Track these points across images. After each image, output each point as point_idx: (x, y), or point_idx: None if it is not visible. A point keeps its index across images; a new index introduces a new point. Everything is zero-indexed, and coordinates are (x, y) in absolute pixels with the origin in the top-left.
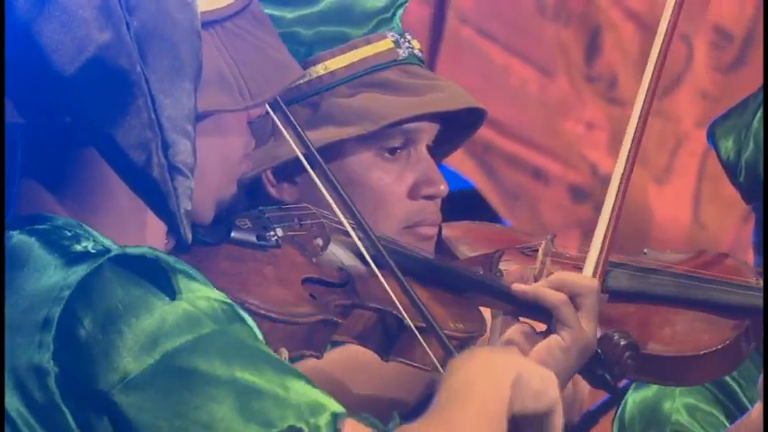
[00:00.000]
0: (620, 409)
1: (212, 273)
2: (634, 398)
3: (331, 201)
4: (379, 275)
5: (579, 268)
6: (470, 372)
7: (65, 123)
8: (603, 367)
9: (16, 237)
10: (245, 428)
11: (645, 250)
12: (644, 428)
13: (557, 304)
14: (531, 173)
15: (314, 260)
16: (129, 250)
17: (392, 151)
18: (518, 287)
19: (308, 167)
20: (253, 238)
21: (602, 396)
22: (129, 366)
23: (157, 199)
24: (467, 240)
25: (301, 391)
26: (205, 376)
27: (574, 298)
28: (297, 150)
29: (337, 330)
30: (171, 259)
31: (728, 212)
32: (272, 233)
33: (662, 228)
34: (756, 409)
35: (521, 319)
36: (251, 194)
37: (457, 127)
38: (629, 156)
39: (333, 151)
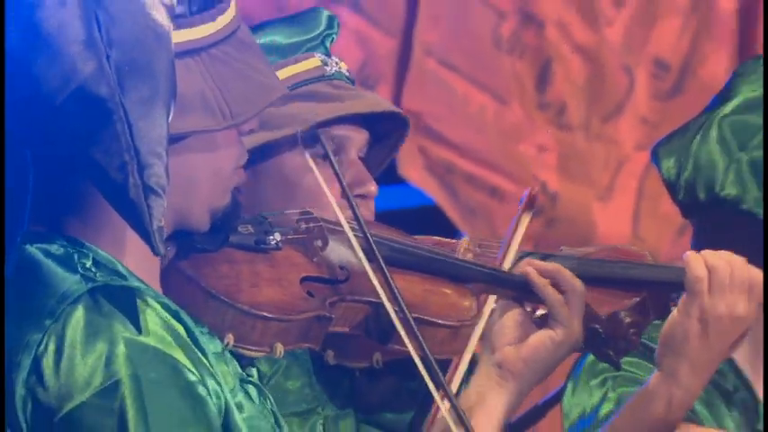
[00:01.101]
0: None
1: (211, 277)
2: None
3: (327, 191)
4: (369, 271)
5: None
6: None
7: (63, 151)
8: (608, 345)
9: (28, 250)
10: None
11: (561, 248)
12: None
13: (555, 305)
14: (487, 191)
15: (314, 260)
16: (111, 281)
17: (324, 156)
18: (537, 279)
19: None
20: (252, 242)
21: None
22: (75, 393)
23: (133, 216)
24: None
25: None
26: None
27: (565, 293)
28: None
29: (332, 324)
30: (141, 291)
31: (665, 226)
32: (271, 237)
33: (605, 240)
34: (653, 379)
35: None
36: None
37: (386, 138)
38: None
39: (271, 155)
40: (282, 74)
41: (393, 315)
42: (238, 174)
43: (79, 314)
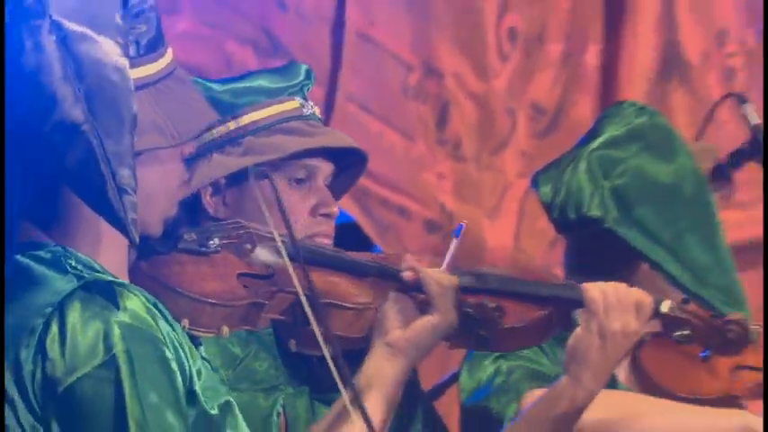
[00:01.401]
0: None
1: (166, 274)
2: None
3: (265, 210)
4: (291, 268)
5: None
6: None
7: (47, 172)
8: (481, 327)
9: (20, 260)
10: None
11: (493, 266)
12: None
13: (434, 295)
14: (397, 211)
15: (245, 260)
16: (99, 277)
17: (298, 181)
18: (408, 274)
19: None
20: (196, 247)
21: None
22: (79, 366)
23: (112, 213)
24: None
25: (168, 419)
26: (112, 383)
27: (441, 287)
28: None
29: (265, 310)
30: (125, 285)
31: (540, 240)
32: (211, 242)
33: (492, 252)
34: (561, 382)
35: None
36: (194, 211)
37: (347, 171)
38: None
39: (257, 178)
40: (269, 111)
41: (304, 301)
42: (183, 190)
43: (76, 303)
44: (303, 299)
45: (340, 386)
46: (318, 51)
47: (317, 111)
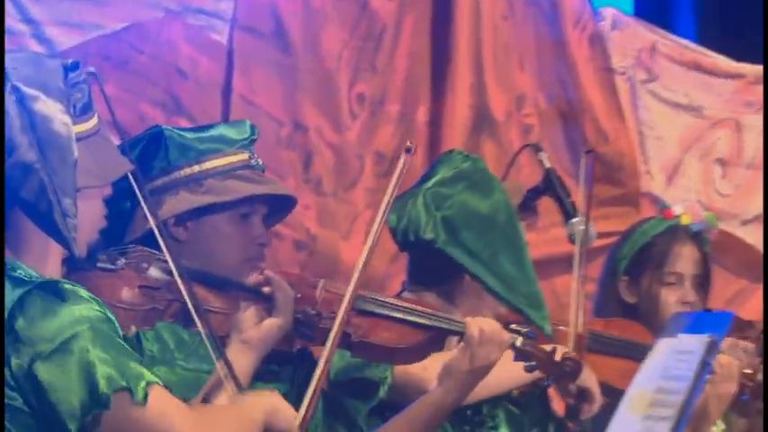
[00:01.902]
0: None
1: (89, 286)
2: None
3: (160, 240)
4: (179, 282)
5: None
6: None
7: (10, 201)
8: (307, 327)
9: None
10: (95, 386)
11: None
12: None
13: (279, 303)
14: (273, 234)
15: (143, 275)
16: (49, 279)
17: (243, 216)
18: (266, 289)
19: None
20: (109, 266)
21: None
22: (40, 348)
23: (58, 233)
24: None
25: (135, 368)
26: (84, 354)
27: (285, 297)
28: (150, 220)
29: (162, 314)
30: (70, 284)
31: (383, 257)
32: (118, 262)
33: (346, 267)
34: (436, 389)
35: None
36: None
37: (279, 209)
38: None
39: (209, 212)
40: (226, 160)
41: (191, 306)
42: (102, 222)
43: (35, 298)
44: (190, 305)
45: (213, 356)
46: (212, 111)
47: (261, 162)
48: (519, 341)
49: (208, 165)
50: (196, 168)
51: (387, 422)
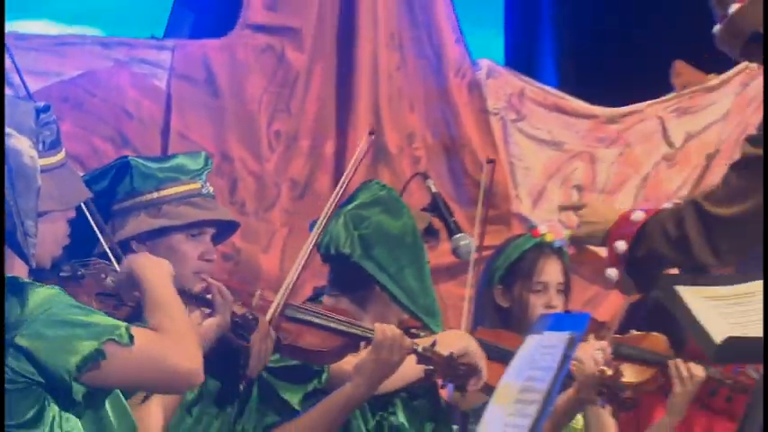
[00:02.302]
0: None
1: None
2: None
3: (110, 254)
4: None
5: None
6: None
7: None
8: (245, 329)
9: None
10: (84, 342)
11: (304, 302)
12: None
13: (218, 306)
14: None
15: (102, 284)
16: (9, 277)
17: (193, 236)
18: (209, 296)
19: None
20: (69, 274)
21: None
22: (22, 326)
23: (19, 249)
24: None
25: (109, 321)
26: (58, 321)
27: (225, 301)
28: (104, 244)
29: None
30: (29, 279)
31: (306, 268)
32: (79, 272)
33: (266, 275)
34: (347, 386)
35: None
36: (124, 251)
37: (225, 230)
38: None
39: (165, 233)
40: (181, 188)
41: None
42: (65, 240)
43: (9, 294)
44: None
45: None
46: (153, 145)
47: (211, 190)
48: (420, 347)
49: (165, 192)
50: (155, 195)
51: (309, 409)
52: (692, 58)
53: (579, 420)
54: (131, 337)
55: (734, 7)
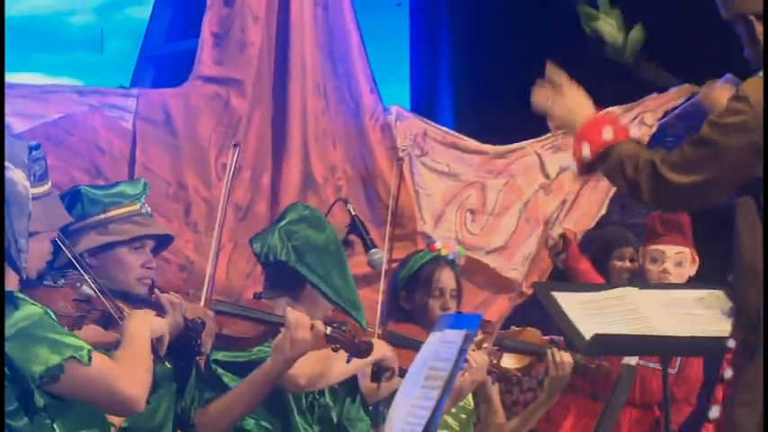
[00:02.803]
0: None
1: (37, 297)
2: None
3: (81, 270)
4: (101, 296)
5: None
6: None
7: None
8: (194, 331)
9: None
10: (50, 356)
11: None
12: None
13: (168, 308)
14: (162, 259)
15: (77, 291)
16: (7, 291)
17: (136, 248)
18: (161, 303)
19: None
20: (51, 283)
21: None
22: (7, 335)
23: (14, 263)
24: None
25: (75, 342)
26: (34, 335)
27: (174, 306)
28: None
29: (87, 319)
30: (23, 295)
31: (240, 275)
32: (59, 282)
33: (215, 282)
34: (268, 362)
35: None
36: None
37: (162, 242)
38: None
39: (112, 247)
40: (123, 210)
41: (112, 311)
42: (48, 256)
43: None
44: (112, 310)
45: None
46: (121, 175)
47: (150, 210)
48: (329, 330)
49: (111, 213)
50: (102, 216)
51: (238, 384)
52: None
53: (470, 402)
54: (90, 359)
55: None
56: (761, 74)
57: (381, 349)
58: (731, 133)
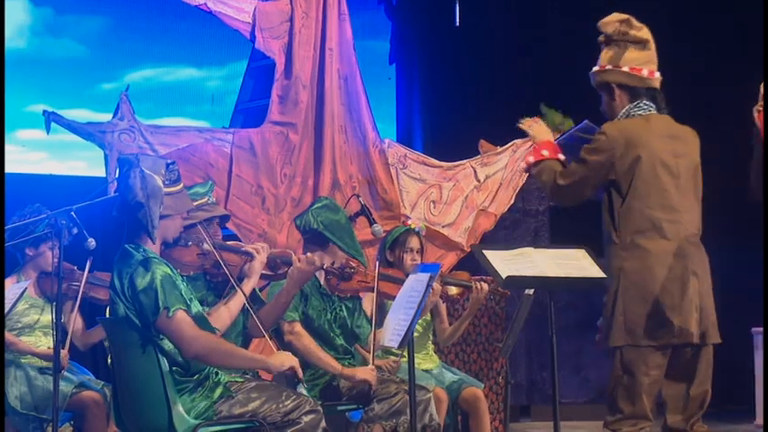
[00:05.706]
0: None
1: (175, 254)
2: None
3: (203, 233)
4: (214, 251)
5: None
6: None
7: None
8: (282, 260)
9: (126, 247)
10: (158, 304)
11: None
12: None
13: (255, 252)
14: (248, 229)
15: (200, 248)
16: (145, 256)
17: (208, 225)
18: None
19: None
20: (184, 244)
21: None
22: (143, 284)
23: (150, 234)
24: None
25: (174, 297)
26: (157, 283)
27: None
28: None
29: (204, 269)
30: (156, 257)
31: (294, 239)
32: (189, 243)
33: (280, 244)
34: (287, 281)
35: None
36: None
37: (225, 218)
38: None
39: (194, 225)
40: (199, 200)
41: (219, 259)
42: (181, 228)
43: (140, 265)
44: (220, 261)
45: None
46: (223, 181)
47: (214, 200)
48: (326, 265)
49: (196, 203)
50: (192, 205)
51: (276, 294)
52: (497, 133)
53: (429, 315)
54: (173, 315)
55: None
56: (617, 119)
57: (363, 374)
58: (593, 152)
